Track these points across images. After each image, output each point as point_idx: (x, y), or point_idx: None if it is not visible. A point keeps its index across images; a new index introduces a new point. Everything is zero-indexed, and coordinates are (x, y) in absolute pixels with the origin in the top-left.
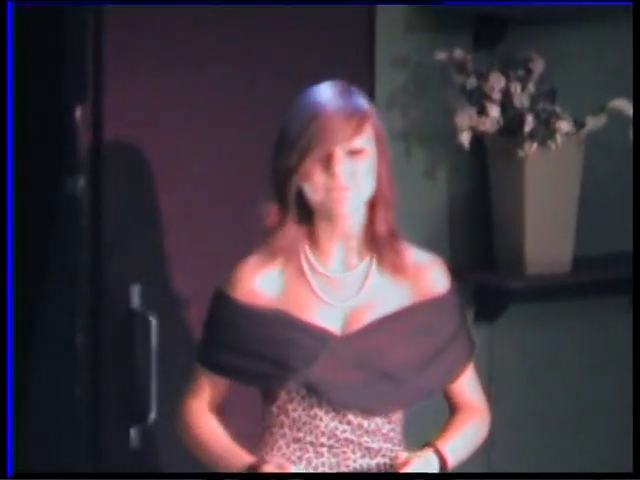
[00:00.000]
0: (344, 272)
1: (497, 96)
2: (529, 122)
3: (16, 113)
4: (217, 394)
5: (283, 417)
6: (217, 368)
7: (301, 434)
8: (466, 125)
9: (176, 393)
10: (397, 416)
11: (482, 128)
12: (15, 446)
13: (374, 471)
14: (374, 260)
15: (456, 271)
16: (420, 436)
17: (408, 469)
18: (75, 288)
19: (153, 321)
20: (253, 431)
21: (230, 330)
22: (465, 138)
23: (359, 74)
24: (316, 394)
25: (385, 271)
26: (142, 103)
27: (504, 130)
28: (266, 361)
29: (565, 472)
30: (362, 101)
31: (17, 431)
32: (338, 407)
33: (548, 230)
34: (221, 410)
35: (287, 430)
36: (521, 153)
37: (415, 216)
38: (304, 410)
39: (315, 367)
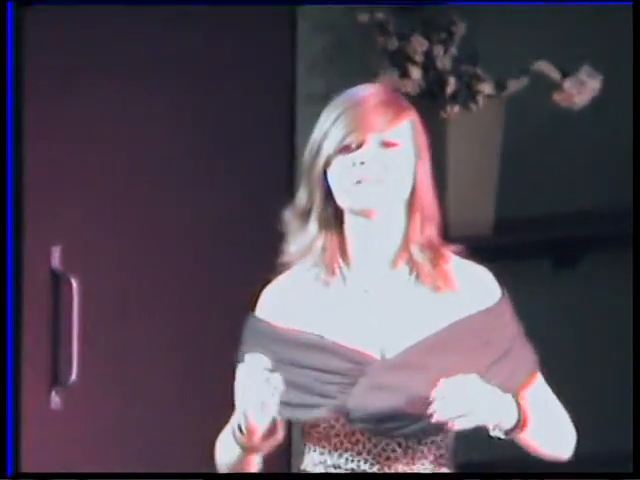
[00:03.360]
0: (380, 284)
1: (419, 58)
2: (451, 84)
3: None
4: None
5: (324, 442)
6: None
7: (342, 460)
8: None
9: (97, 355)
10: (447, 440)
11: (404, 90)
12: None
13: None
14: (413, 273)
15: None
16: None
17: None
18: None
19: (75, 283)
20: None
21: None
22: None
23: (280, 37)
24: (356, 423)
25: (425, 284)
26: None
27: (426, 92)
28: (299, 389)
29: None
30: (402, 99)
31: None
32: (381, 435)
33: (470, 192)
34: None
35: (327, 457)
36: (443, 115)
37: None
38: (346, 436)
39: (353, 395)
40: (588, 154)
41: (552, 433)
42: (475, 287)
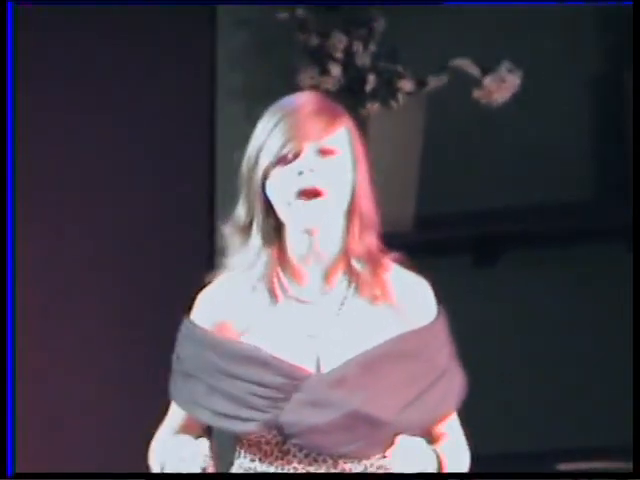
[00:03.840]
0: (320, 297)
1: (339, 55)
2: (371, 81)
3: None
4: (182, 426)
5: (255, 449)
6: (177, 400)
7: (272, 469)
8: (308, 84)
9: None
10: (379, 463)
11: (324, 87)
12: None
13: None
14: (352, 284)
15: None
16: None
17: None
18: None
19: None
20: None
21: (191, 361)
22: None
23: (199, 34)
24: (287, 438)
25: (364, 297)
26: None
27: (346, 89)
28: (232, 400)
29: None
30: (337, 106)
31: None
32: (313, 452)
33: (390, 189)
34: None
35: (257, 464)
36: (363, 112)
37: None
38: (276, 445)
39: (286, 410)
40: (509, 150)
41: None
42: (413, 301)
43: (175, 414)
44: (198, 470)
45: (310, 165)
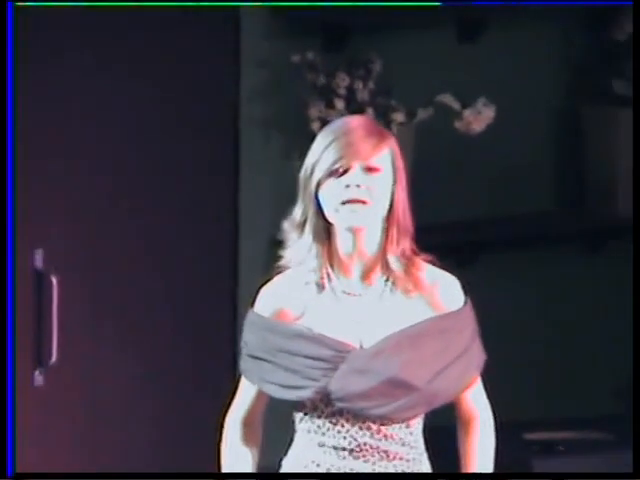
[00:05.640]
0: (363, 289)
1: (342, 92)
2: (369, 114)
3: None
4: (251, 402)
5: (309, 423)
6: (249, 378)
7: (325, 439)
8: (316, 116)
9: (73, 341)
10: (415, 421)
11: (330, 119)
12: None
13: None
14: (390, 279)
15: None
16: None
17: None
18: None
19: (54, 280)
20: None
21: (256, 345)
22: (316, 127)
23: (226, 70)
24: (337, 403)
25: (400, 291)
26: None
27: None
28: (289, 372)
29: None
30: (384, 130)
31: None
32: (358, 415)
33: None
34: (255, 419)
35: (313, 435)
36: None
37: (273, 191)
38: (327, 417)
39: (335, 378)
40: (485, 171)
41: (482, 436)
42: (445, 293)
43: (245, 391)
44: None
45: (357, 181)
